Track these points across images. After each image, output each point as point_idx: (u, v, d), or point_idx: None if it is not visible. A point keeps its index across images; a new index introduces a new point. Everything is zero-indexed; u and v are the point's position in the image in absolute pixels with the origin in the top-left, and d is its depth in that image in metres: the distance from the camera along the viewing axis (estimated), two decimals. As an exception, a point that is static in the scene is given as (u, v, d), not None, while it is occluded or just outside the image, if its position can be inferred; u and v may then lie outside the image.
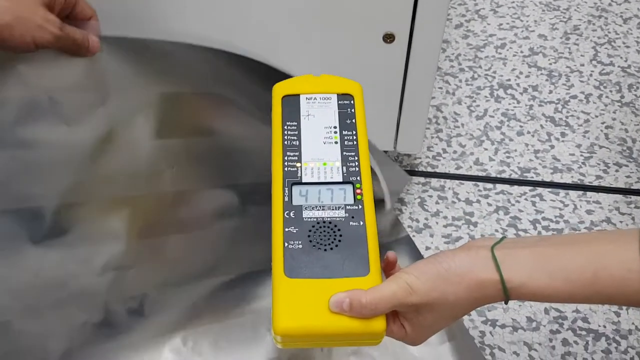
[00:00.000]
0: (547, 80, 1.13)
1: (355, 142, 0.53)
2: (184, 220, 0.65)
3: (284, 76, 0.57)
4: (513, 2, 1.26)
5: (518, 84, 1.12)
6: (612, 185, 0.97)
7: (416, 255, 0.78)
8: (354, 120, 0.54)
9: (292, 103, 0.55)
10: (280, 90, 0.56)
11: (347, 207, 0.49)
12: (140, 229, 0.63)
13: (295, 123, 0.54)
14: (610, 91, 1.11)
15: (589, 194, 0.96)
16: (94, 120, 0.60)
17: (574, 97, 1.10)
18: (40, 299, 0.59)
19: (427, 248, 0.90)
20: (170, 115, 0.64)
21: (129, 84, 0.61)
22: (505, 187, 0.97)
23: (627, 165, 1.00)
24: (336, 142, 0.53)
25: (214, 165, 0.67)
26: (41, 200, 0.59)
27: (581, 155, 1.01)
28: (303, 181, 0.51)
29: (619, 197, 0.96)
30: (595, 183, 0.98)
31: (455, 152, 1.02)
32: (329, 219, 0.49)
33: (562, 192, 0.96)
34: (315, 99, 0.55)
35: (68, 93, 0.58)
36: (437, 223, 0.92)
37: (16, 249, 0.59)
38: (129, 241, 0.63)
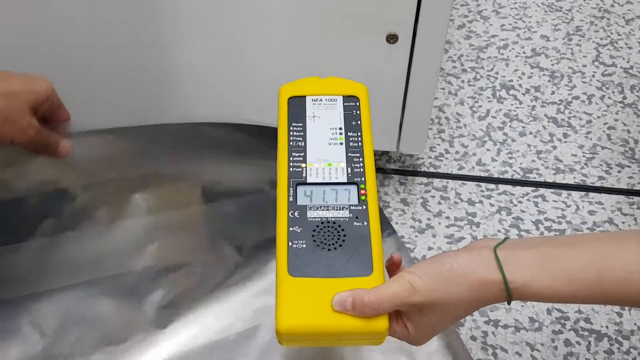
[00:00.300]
0: (549, 81, 1.13)
1: (360, 144, 0.53)
2: (165, 296, 0.66)
3: (272, 130, 0.59)
4: (515, 3, 1.27)
5: (520, 85, 1.12)
6: (614, 186, 0.98)
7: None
8: (359, 122, 0.54)
9: (298, 104, 0.56)
10: (286, 91, 0.57)
11: (352, 207, 0.50)
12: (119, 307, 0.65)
13: (301, 124, 0.54)
14: (613, 92, 1.11)
15: (591, 194, 0.96)
16: (70, 209, 0.64)
17: (576, 98, 1.10)
18: None
19: (430, 248, 0.90)
20: (144, 196, 0.67)
21: (105, 171, 0.65)
22: (508, 187, 0.97)
23: (629, 166, 1.00)
24: (341, 143, 0.53)
25: (196, 236, 0.69)
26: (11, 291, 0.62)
27: (583, 156, 1.02)
28: (308, 181, 0.51)
29: (621, 197, 0.96)
30: (598, 184, 0.98)
31: (457, 152, 1.02)
32: (333, 219, 0.49)
33: (564, 193, 0.97)
34: (321, 100, 0.56)
35: (46, 186, 0.63)
36: (439, 223, 0.93)
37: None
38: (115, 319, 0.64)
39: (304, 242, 0.48)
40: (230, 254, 0.69)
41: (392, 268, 0.51)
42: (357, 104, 0.56)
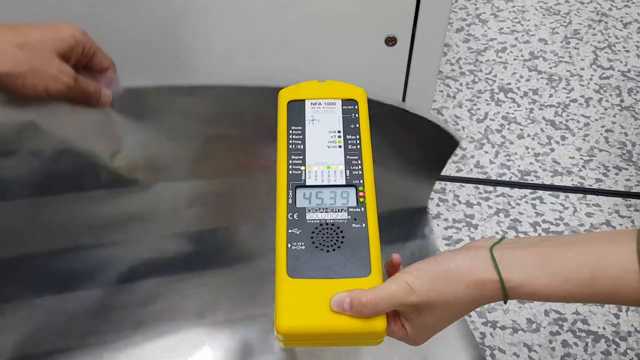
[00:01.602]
0: (547, 84, 1.13)
1: (358, 146, 0.54)
2: (196, 261, 0.65)
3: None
4: (514, 6, 1.27)
5: (518, 88, 1.13)
6: (611, 189, 0.98)
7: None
8: (357, 125, 0.55)
9: (297, 108, 0.56)
10: (286, 95, 0.57)
11: (350, 209, 0.50)
12: (150, 270, 0.64)
13: (300, 127, 0.55)
14: (610, 95, 1.12)
15: (588, 196, 0.97)
16: (109, 168, 0.61)
17: (574, 100, 1.11)
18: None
19: (428, 250, 0.90)
20: (188, 159, 0.64)
21: (142, 131, 0.61)
22: (506, 189, 0.98)
23: (626, 169, 1.01)
24: (340, 146, 0.54)
25: (230, 206, 0.67)
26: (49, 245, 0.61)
27: (581, 159, 1.02)
28: (307, 184, 0.52)
29: (618, 200, 0.97)
30: (595, 186, 0.99)
31: (455, 154, 1.02)
32: (331, 221, 0.50)
33: (562, 195, 0.97)
34: (320, 104, 0.56)
35: (84, 142, 0.59)
36: (437, 225, 0.93)
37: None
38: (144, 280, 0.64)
39: (302, 244, 0.49)
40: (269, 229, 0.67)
41: (392, 269, 0.51)
42: (356, 107, 0.56)
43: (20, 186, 0.58)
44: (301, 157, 0.53)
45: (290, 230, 0.49)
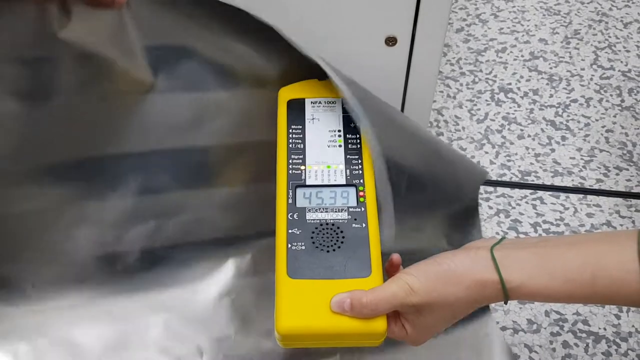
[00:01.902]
0: (547, 84, 1.13)
1: (359, 146, 0.54)
2: (218, 175, 0.63)
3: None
4: (514, 6, 1.27)
5: (519, 88, 1.13)
6: (612, 189, 0.98)
7: None
8: (358, 124, 0.55)
9: (297, 107, 0.56)
10: (285, 94, 0.57)
11: (350, 209, 0.50)
12: (169, 183, 0.63)
13: (300, 126, 0.55)
14: (611, 95, 1.11)
15: (589, 197, 0.97)
16: (130, 73, 0.58)
17: (575, 101, 1.11)
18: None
19: (428, 250, 0.90)
20: (212, 67, 0.60)
21: (161, 35, 0.57)
22: (506, 190, 0.98)
23: (627, 169, 1.01)
24: (340, 146, 0.54)
25: (256, 120, 0.63)
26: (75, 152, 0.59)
27: (582, 159, 1.02)
28: (307, 184, 0.51)
29: (619, 200, 0.96)
30: (596, 186, 0.98)
31: (456, 155, 1.02)
32: (332, 220, 0.50)
33: (562, 196, 0.97)
34: (320, 103, 0.56)
35: (99, 47, 0.55)
36: (438, 226, 0.93)
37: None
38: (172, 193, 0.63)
39: (303, 244, 0.49)
40: None
41: (392, 269, 0.51)
42: None
43: (34, 95, 0.56)
44: (301, 157, 0.53)
45: (290, 230, 0.49)
